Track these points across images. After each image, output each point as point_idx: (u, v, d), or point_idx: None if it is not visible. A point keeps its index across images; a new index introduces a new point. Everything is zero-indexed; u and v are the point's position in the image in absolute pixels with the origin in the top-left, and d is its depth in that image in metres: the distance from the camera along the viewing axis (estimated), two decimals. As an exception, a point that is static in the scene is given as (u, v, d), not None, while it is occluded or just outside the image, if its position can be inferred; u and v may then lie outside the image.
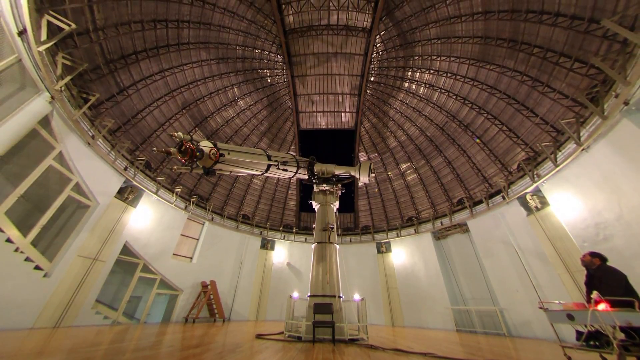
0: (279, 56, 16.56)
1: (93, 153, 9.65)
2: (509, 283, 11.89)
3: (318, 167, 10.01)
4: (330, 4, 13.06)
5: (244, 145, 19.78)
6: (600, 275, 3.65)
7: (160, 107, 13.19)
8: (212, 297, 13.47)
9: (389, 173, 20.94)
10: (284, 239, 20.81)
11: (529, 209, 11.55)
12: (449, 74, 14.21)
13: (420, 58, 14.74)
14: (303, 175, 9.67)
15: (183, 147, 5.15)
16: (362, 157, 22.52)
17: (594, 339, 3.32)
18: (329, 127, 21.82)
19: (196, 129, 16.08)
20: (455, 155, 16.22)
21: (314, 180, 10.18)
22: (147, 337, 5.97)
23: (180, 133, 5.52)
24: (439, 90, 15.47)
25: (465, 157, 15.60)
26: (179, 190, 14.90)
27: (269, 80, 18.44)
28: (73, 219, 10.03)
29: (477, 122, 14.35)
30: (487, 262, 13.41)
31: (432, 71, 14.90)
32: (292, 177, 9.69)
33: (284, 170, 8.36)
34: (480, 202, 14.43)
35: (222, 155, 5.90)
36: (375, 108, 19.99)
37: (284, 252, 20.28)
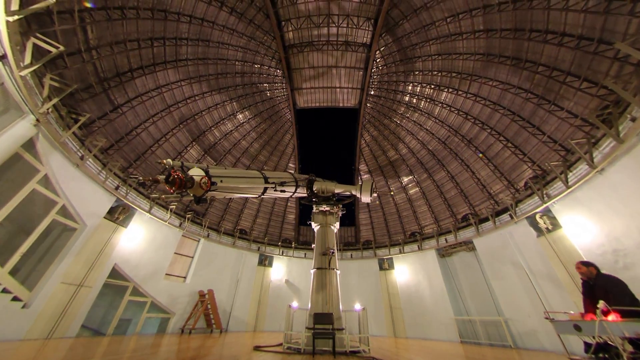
0: (278, 70, 16.49)
1: (81, 174, 9.22)
2: (521, 308, 11.19)
3: (317, 185, 9.58)
4: (330, 20, 13.05)
5: (243, 157, 19.44)
6: (604, 285, 3.53)
7: (156, 122, 12.91)
8: (209, 306, 12.90)
9: (391, 187, 20.50)
10: (282, 254, 20.07)
11: (539, 230, 10.99)
12: (450, 89, 14.04)
13: (421, 73, 14.62)
14: (302, 193, 9.25)
15: (171, 177, 4.70)
16: (362, 167, 22.14)
17: (602, 351, 3.18)
18: (329, 104, 19.51)
19: (193, 143, 15.76)
20: (459, 170, 15.82)
21: (313, 199, 9.73)
22: (141, 349, 5.82)
23: (169, 160, 5.05)
24: (440, 104, 15.27)
25: (468, 172, 15.20)
26: (174, 207, 14.38)
27: (269, 94, 18.32)
28: (58, 244, 9.47)
29: (481, 137, 14.03)
30: (496, 284, 12.71)
31: (432, 86, 14.75)
32: (291, 196, 9.28)
33: (281, 191, 7.93)
34: (487, 219, 13.88)
35: (214, 183, 5.47)
36: (376, 121, 19.80)
37: (283, 268, 19.48)
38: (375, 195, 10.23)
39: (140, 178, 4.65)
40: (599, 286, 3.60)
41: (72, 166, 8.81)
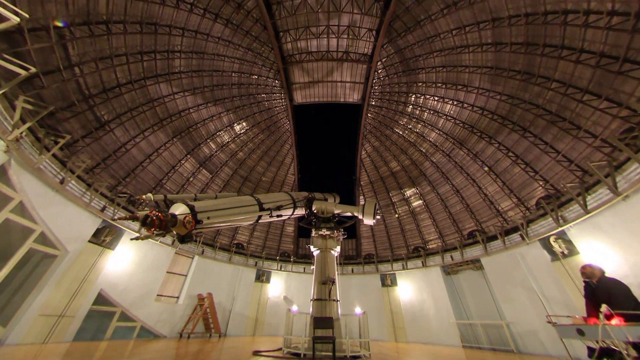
0: (276, 81, 15.98)
1: (62, 198, 8.59)
2: (534, 335, 10.48)
3: (317, 205, 8.96)
4: (330, 31, 12.55)
5: (240, 169, 18.80)
6: (607, 289, 3.42)
7: (147, 137, 12.31)
8: (208, 310, 12.68)
9: (393, 198, 19.84)
10: (280, 269, 19.30)
11: (553, 254, 10.30)
12: (455, 102, 13.47)
13: (424, 85, 14.08)
14: (300, 213, 8.65)
15: (148, 219, 4.02)
16: (364, 178, 21.51)
17: (606, 356, 3.08)
18: (330, 99, 17.50)
19: (188, 156, 15.15)
20: (464, 184, 15.16)
21: (312, 220, 9.09)
22: (139, 354, 5.71)
23: (150, 195, 4.37)
24: (444, 116, 14.70)
25: (475, 186, 14.54)
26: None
27: (267, 105, 17.79)
28: (36, 272, 8.79)
29: (488, 152, 13.42)
30: (506, 307, 11.95)
31: (436, 98, 14.19)
32: (288, 218, 8.66)
33: (277, 216, 7.30)
34: (495, 237, 13.18)
35: (199, 222, 4.80)
36: (377, 131, 19.23)
37: (281, 284, 18.68)
38: (378, 217, 9.61)
39: (116, 217, 3.96)
40: (601, 290, 3.47)
41: (51, 191, 8.17)
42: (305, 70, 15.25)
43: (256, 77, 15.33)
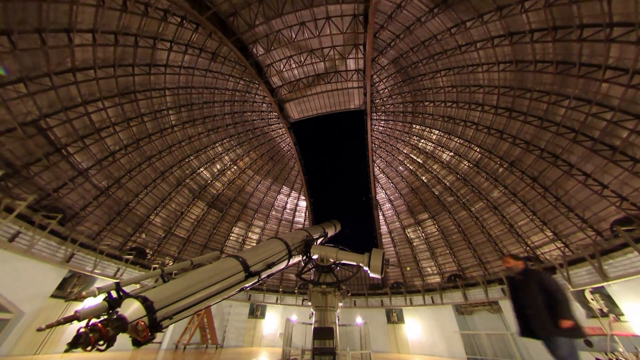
0: (273, 113, 15.31)
1: (12, 253, 7.58)
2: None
3: (316, 251, 7.69)
4: (314, 55, 11.70)
5: (239, 197, 17.80)
6: (546, 286, 2.56)
7: (134, 177, 11.66)
8: (205, 320, 12.08)
9: (403, 222, 18.07)
10: (277, 302, 17.40)
11: (589, 309, 8.39)
12: (468, 123, 11.93)
13: (433, 104, 12.68)
14: (296, 260, 7.46)
15: (81, 339, 2.70)
16: (381, 197, 19.87)
17: None
18: (330, 109, 15.87)
19: (178, 188, 14.38)
20: (486, 211, 13.28)
21: (311, 267, 7.87)
22: None
23: (95, 289, 3.20)
24: (456, 139, 13.15)
25: (497, 215, 12.63)
26: (157, 265, 12.75)
27: (268, 136, 17.25)
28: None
29: (509, 179, 11.66)
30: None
31: (446, 119, 12.71)
32: (279, 271, 7.48)
33: (268, 276, 6.10)
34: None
35: (158, 327, 3.47)
36: (388, 146, 17.76)
37: (277, 318, 16.57)
38: (387, 270, 8.14)
39: (43, 326, 2.78)
40: (529, 284, 2.64)
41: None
42: (299, 96, 14.34)
43: (250, 103, 14.64)
